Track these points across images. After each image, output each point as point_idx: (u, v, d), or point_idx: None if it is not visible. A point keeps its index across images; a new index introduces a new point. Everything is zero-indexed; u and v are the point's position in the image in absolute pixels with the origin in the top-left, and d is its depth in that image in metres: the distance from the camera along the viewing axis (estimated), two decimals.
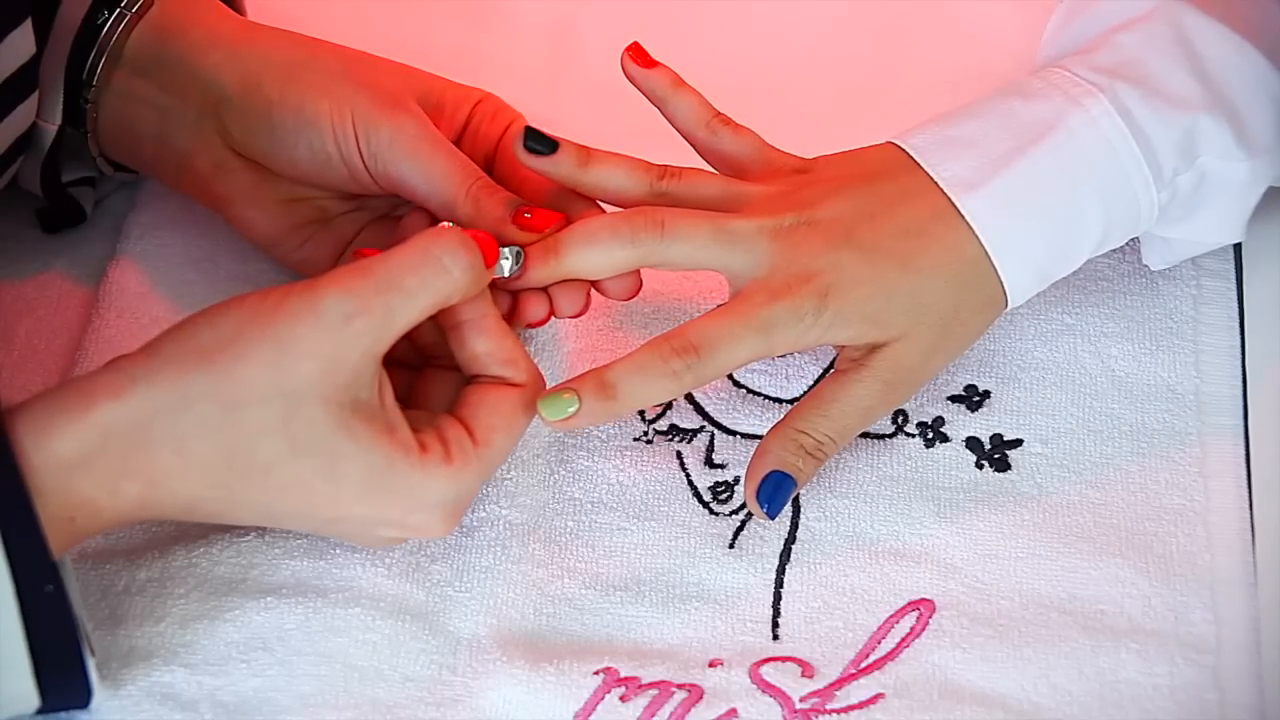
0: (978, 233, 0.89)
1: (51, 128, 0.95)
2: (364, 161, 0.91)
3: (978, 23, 1.10)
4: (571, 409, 0.85)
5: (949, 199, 0.89)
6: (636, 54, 0.93)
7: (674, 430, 0.94)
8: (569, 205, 0.91)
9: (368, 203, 0.96)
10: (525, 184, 0.92)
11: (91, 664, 0.80)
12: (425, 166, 0.90)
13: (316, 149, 0.91)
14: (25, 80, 0.93)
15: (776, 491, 0.89)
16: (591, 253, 0.88)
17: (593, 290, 0.91)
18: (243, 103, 0.92)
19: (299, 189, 0.94)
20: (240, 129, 0.93)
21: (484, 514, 0.90)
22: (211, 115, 0.93)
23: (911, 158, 0.90)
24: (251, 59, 0.92)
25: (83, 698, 0.81)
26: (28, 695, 0.80)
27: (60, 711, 0.82)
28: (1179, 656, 0.85)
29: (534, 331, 0.96)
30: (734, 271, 0.89)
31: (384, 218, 0.96)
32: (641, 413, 0.94)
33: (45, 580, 0.78)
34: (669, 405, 0.95)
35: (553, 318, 0.90)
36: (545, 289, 0.90)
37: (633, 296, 0.91)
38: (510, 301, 0.89)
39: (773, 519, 0.90)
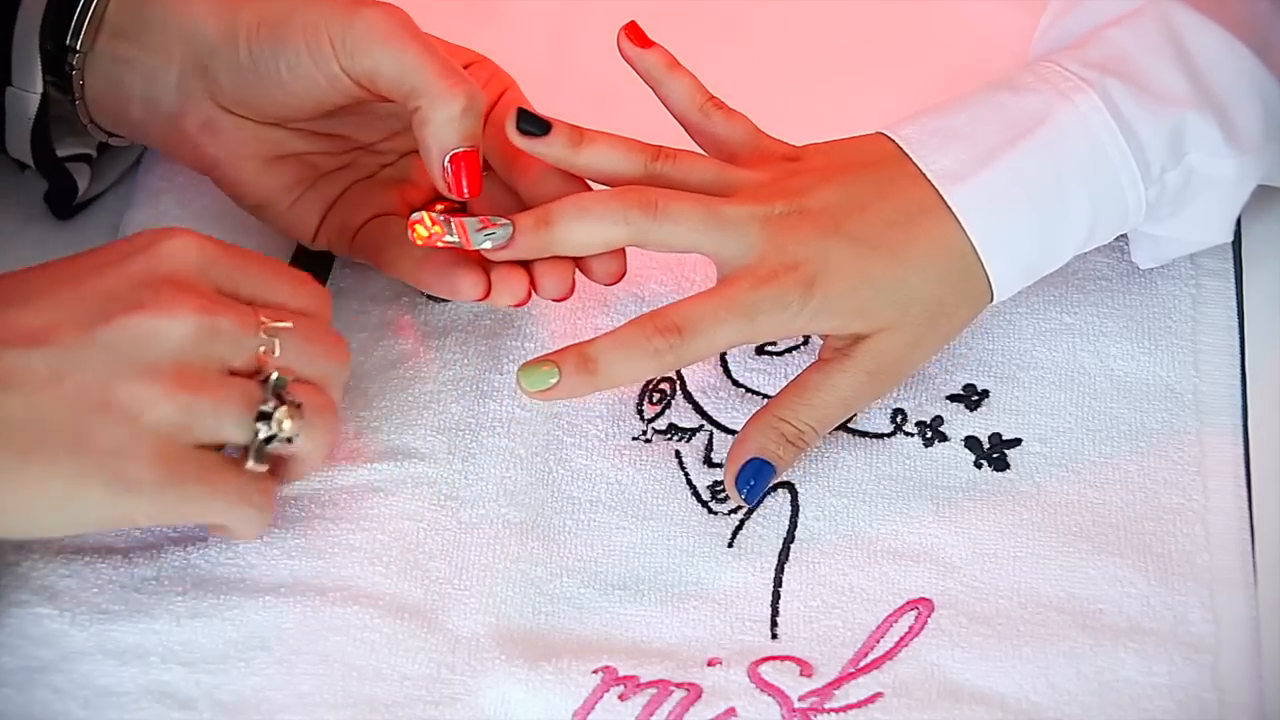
0: (964, 226, 0.89)
1: (32, 96, 0.95)
2: (340, 64, 0.90)
3: (977, 18, 1.10)
4: (551, 380, 0.86)
5: (937, 191, 0.89)
6: (632, 33, 0.93)
7: (673, 429, 0.94)
8: (561, 187, 0.91)
9: (355, 160, 0.96)
10: (516, 157, 0.92)
11: None
12: (397, 55, 0.89)
13: (294, 67, 0.90)
14: None
15: (756, 479, 0.90)
16: (582, 226, 0.88)
17: (593, 285, 0.91)
18: (225, 49, 0.91)
19: (287, 142, 0.94)
20: (227, 76, 0.92)
21: (483, 512, 0.90)
22: (197, 71, 0.92)
23: (901, 149, 0.91)
24: (231, 7, 0.92)
25: None
26: None
27: None
28: (1178, 656, 0.85)
29: (528, 333, 0.96)
30: (723, 256, 0.89)
31: (370, 178, 0.96)
32: (640, 411, 0.95)
33: None
34: (668, 404, 0.95)
35: (536, 298, 0.91)
36: (528, 270, 0.90)
37: (617, 280, 0.91)
38: (489, 283, 0.90)
39: (750, 505, 0.91)
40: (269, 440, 0.83)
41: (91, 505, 0.80)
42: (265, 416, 0.83)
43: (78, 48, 0.94)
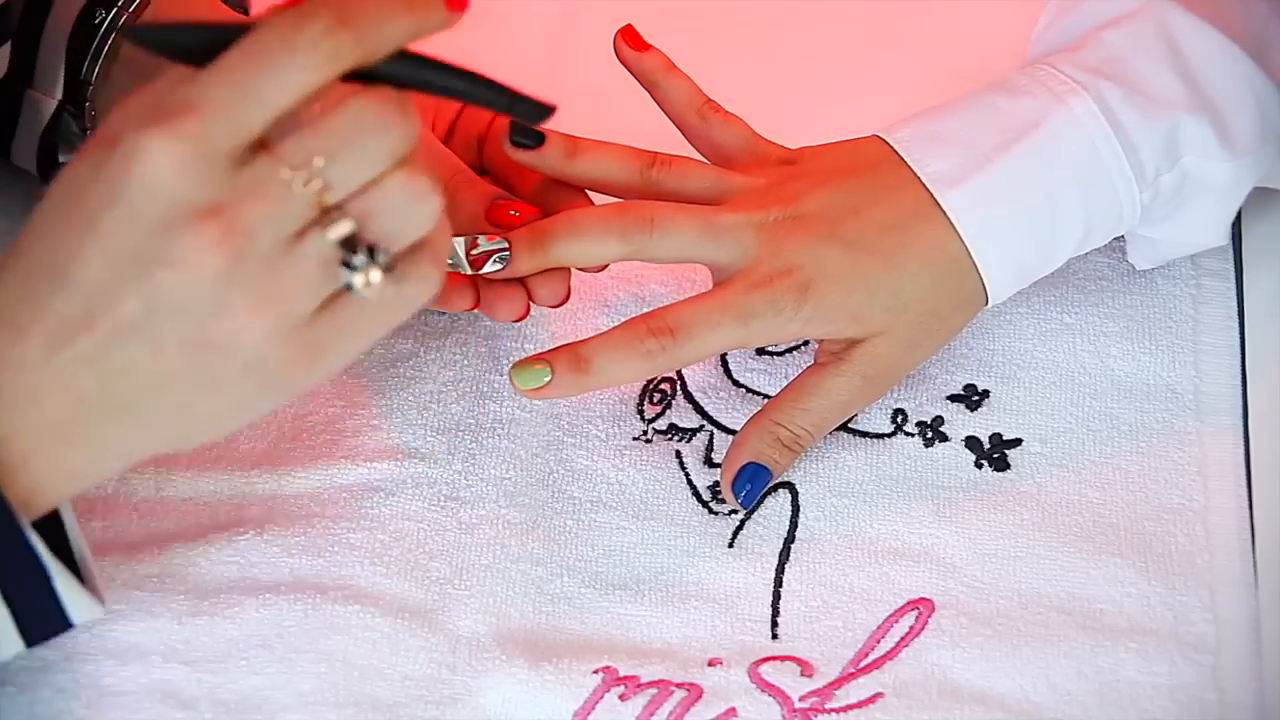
0: (959, 229, 0.89)
1: (50, 101, 0.95)
2: None
3: (977, 18, 1.10)
4: (544, 379, 0.86)
5: (931, 194, 0.89)
6: (629, 36, 0.93)
7: (673, 430, 0.94)
8: (558, 196, 0.91)
9: None
10: (511, 170, 0.92)
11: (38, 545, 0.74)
12: None
13: None
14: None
15: (752, 483, 0.90)
16: (578, 246, 0.88)
17: (593, 286, 0.91)
18: None
19: None
20: None
21: (483, 512, 0.90)
22: None
23: (896, 152, 0.91)
24: None
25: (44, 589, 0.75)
26: None
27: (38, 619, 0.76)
28: (1178, 656, 0.85)
29: (528, 335, 0.96)
30: (719, 264, 0.89)
31: None
32: (641, 412, 0.95)
33: None
34: (668, 405, 0.95)
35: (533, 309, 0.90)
36: (523, 283, 0.90)
37: (601, 269, 0.91)
38: (489, 297, 0.90)
39: (746, 508, 0.91)
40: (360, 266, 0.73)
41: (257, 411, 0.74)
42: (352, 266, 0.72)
43: (92, 80, 0.94)
